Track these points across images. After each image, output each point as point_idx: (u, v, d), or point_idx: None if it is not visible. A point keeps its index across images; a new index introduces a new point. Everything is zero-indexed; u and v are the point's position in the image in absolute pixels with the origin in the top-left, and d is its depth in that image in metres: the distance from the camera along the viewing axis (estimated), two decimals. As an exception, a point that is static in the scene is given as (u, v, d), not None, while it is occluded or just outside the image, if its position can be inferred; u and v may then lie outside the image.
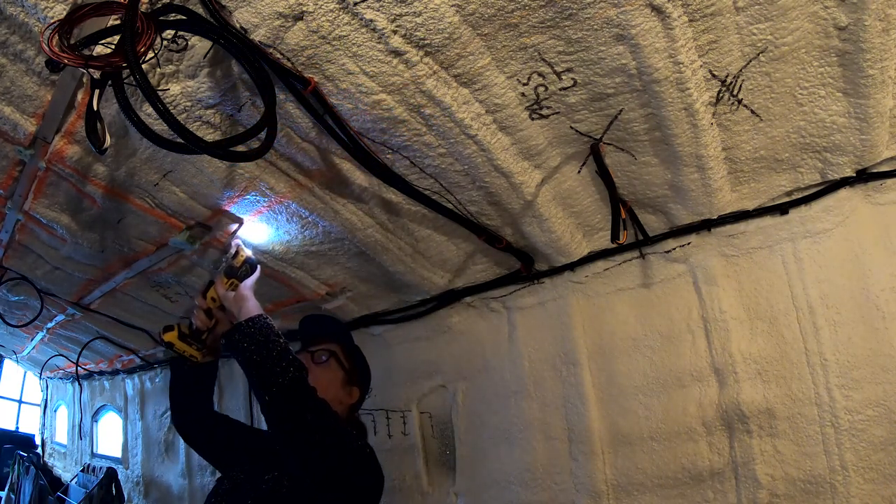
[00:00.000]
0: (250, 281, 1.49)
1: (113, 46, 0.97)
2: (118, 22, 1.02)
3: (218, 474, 1.60)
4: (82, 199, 1.90)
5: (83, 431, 5.33)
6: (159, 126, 1.14)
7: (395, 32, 1.14)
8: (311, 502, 1.30)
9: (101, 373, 4.82)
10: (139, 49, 0.92)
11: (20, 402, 7.92)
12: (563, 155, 1.53)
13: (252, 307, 1.40)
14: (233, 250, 1.51)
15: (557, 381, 1.96)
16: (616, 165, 1.55)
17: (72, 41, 0.94)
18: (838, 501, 1.45)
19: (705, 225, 1.65)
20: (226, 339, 1.39)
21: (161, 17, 1.05)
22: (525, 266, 1.93)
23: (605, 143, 1.48)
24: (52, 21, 0.95)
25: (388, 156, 1.49)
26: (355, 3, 1.10)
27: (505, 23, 1.16)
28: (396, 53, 1.18)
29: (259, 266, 1.54)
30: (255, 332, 1.33)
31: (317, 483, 1.26)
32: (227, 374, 3.53)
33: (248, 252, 1.52)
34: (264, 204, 1.79)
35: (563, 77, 1.28)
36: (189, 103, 1.37)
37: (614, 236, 1.56)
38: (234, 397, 3.48)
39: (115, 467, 4.42)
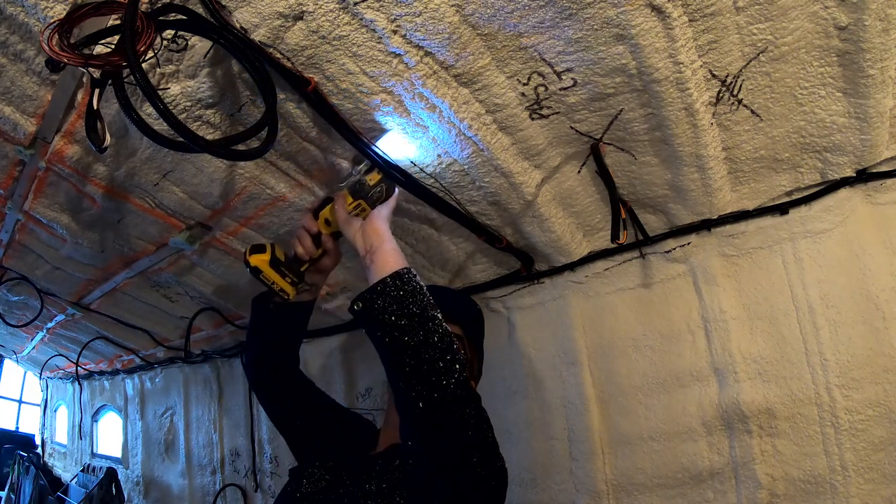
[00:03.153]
0: (385, 209, 1.11)
1: (113, 46, 0.97)
2: (118, 21, 1.02)
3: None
4: (82, 199, 1.90)
5: (83, 431, 5.33)
6: (159, 126, 1.14)
7: (394, 32, 1.14)
8: None
9: (101, 373, 4.82)
10: (139, 48, 0.92)
11: (20, 402, 7.93)
12: (563, 155, 1.53)
13: (390, 252, 1.01)
14: (367, 162, 1.16)
15: (557, 381, 1.96)
16: (616, 165, 1.55)
17: (72, 41, 0.94)
18: (838, 501, 1.45)
19: (705, 225, 1.65)
20: (362, 306, 0.96)
21: (161, 17, 1.05)
22: (525, 266, 1.93)
23: (605, 143, 1.48)
24: (52, 21, 0.95)
25: (388, 156, 1.49)
26: (355, 3, 1.10)
27: (505, 23, 1.16)
28: (396, 53, 1.18)
29: (397, 191, 1.17)
30: (405, 297, 0.93)
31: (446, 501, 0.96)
32: (228, 372, 3.53)
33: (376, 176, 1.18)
34: (264, 203, 1.79)
35: (563, 77, 1.28)
36: (189, 103, 1.37)
37: (614, 236, 1.56)
38: (234, 395, 3.48)
39: (115, 467, 4.42)
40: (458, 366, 0.93)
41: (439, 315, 0.97)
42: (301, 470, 1.24)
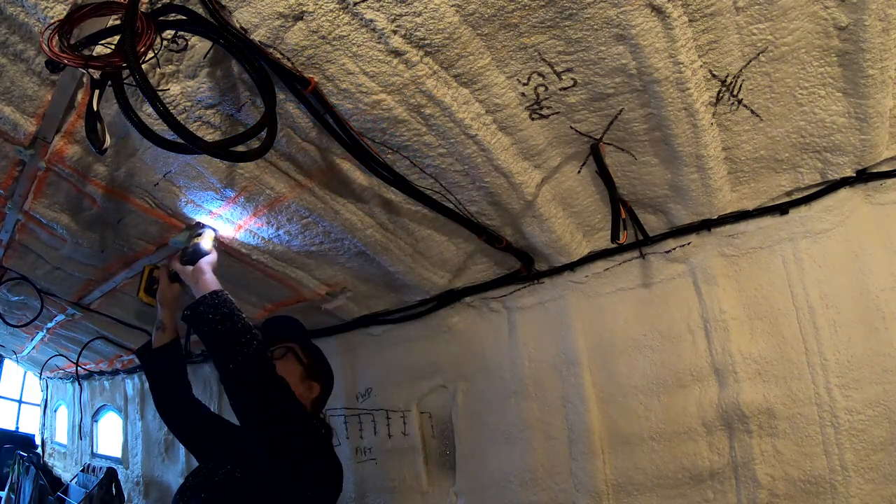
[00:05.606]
0: (206, 260, 1.59)
1: (113, 46, 0.97)
2: (118, 22, 1.02)
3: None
4: (82, 199, 1.90)
5: (83, 431, 5.33)
6: (159, 126, 1.14)
7: (395, 32, 1.14)
8: (262, 492, 1.34)
9: (101, 373, 4.82)
10: (139, 49, 0.92)
11: (20, 402, 7.92)
12: (563, 155, 1.53)
13: (211, 281, 1.52)
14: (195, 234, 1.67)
15: (557, 381, 1.96)
16: (616, 165, 1.55)
17: (72, 41, 0.94)
18: (838, 501, 1.45)
19: (705, 225, 1.65)
20: (190, 311, 1.44)
21: (161, 17, 1.05)
22: (525, 266, 1.92)
23: (605, 143, 1.48)
24: (52, 21, 0.95)
25: (388, 156, 1.49)
26: (355, 3, 1.10)
27: (505, 23, 1.16)
28: (396, 53, 1.18)
29: (208, 254, 1.64)
30: (219, 303, 1.42)
31: (270, 457, 1.31)
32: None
33: (198, 240, 1.68)
34: (264, 203, 1.79)
35: (563, 77, 1.28)
36: (189, 103, 1.37)
37: (614, 236, 1.56)
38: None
39: (115, 467, 4.42)
40: (255, 341, 1.38)
41: (244, 315, 1.44)
42: (197, 468, 1.58)
